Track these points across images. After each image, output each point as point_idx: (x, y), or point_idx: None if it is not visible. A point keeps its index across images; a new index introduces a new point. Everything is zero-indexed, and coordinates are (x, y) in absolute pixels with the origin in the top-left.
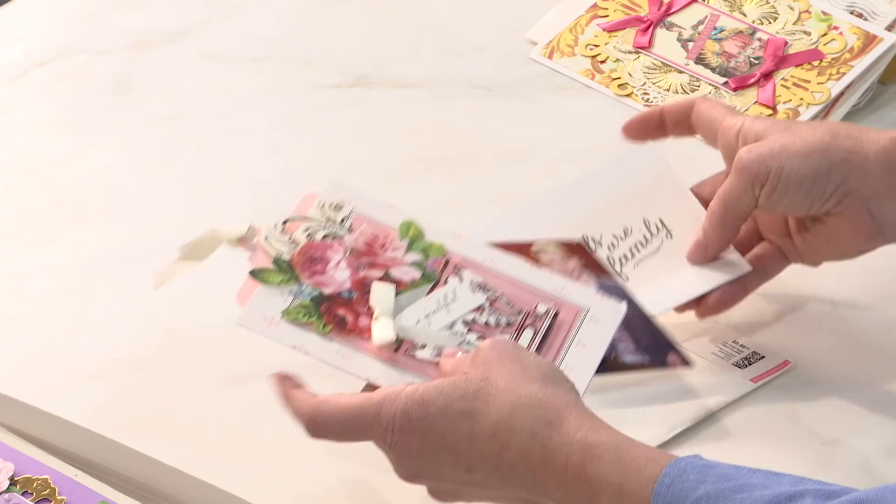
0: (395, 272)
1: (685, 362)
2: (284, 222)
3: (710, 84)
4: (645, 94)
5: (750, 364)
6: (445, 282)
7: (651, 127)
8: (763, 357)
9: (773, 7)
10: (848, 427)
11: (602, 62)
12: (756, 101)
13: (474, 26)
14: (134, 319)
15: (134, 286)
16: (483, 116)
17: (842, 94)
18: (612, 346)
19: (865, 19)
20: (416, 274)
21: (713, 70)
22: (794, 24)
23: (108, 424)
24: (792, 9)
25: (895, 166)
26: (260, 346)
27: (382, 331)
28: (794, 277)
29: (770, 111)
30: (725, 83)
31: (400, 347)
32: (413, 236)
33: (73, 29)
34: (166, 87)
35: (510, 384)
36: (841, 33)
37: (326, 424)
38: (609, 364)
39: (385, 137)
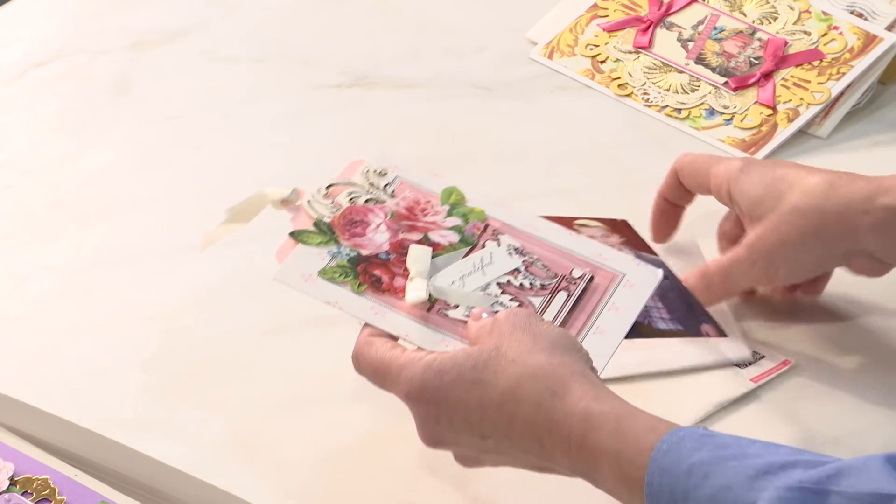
0: (434, 236)
1: (720, 333)
2: (328, 187)
3: (710, 84)
4: (645, 94)
5: (750, 364)
6: (483, 245)
7: (671, 220)
8: (763, 357)
9: (773, 7)
10: (848, 427)
11: (602, 62)
12: (756, 101)
13: (474, 26)
14: (134, 319)
15: (134, 286)
16: (483, 116)
17: (842, 94)
18: (647, 314)
19: (865, 19)
20: (454, 238)
21: (713, 70)
22: (794, 24)
23: (108, 424)
24: (792, 9)
25: (891, 232)
26: (260, 345)
27: (415, 291)
28: None
29: (770, 111)
30: (725, 83)
31: (433, 307)
32: (454, 202)
33: (73, 29)
34: (166, 87)
35: (519, 355)
36: (841, 33)
37: (361, 365)
38: (642, 330)
39: (385, 137)
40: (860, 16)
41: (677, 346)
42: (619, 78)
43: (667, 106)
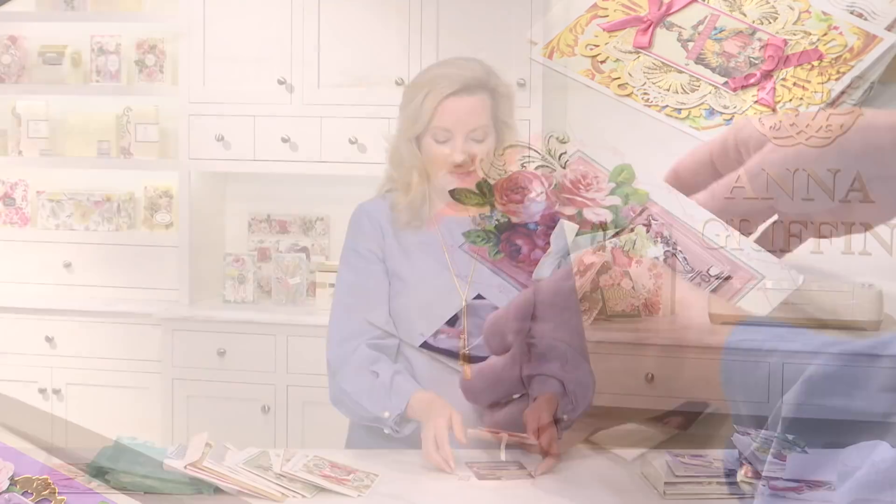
0: (588, 213)
1: None
2: (506, 148)
3: (710, 84)
4: (645, 93)
5: None
6: (632, 230)
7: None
8: None
9: (773, 7)
10: None
11: (602, 62)
12: (756, 101)
13: (474, 26)
14: (134, 319)
15: (134, 286)
16: None
17: (842, 93)
18: None
19: (865, 19)
20: (607, 217)
21: (713, 70)
22: (794, 24)
23: (108, 424)
24: (792, 9)
25: None
26: (262, 345)
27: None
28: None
29: (770, 111)
30: (725, 83)
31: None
32: (622, 180)
33: (73, 29)
34: (167, 87)
35: None
36: (841, 33)
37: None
38: None
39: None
40: (860, 16)
41: None
42: (619, 78)
43: (667, 106)
